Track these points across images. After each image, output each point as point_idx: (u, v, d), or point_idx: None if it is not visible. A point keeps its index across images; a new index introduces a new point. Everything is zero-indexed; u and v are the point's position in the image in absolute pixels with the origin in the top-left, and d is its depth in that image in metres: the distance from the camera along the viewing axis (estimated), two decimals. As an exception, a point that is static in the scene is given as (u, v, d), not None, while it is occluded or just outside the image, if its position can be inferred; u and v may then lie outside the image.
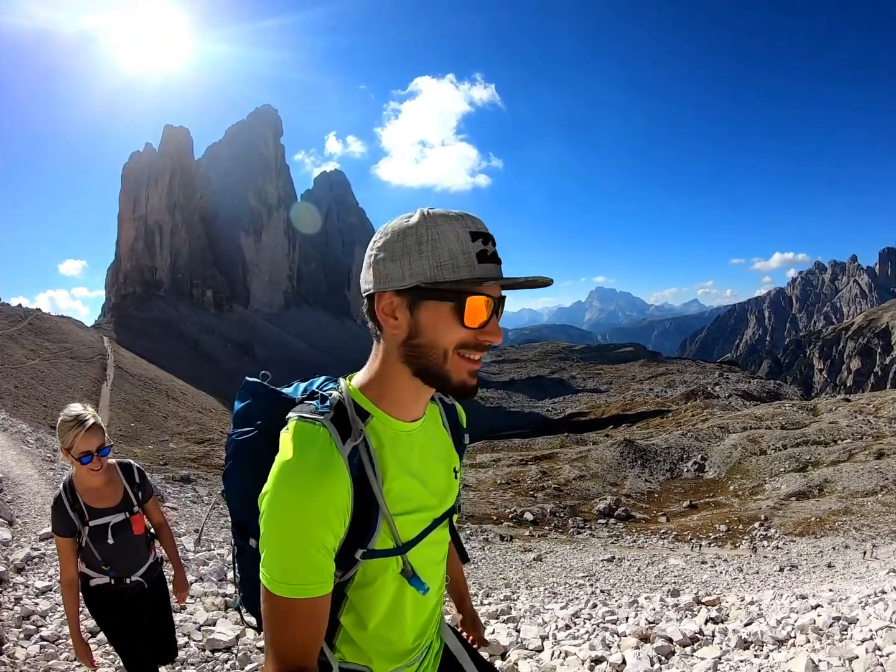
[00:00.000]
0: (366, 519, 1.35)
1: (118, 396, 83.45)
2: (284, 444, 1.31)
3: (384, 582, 1.45)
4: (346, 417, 1.37)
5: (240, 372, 23.38)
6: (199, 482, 41.87)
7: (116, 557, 3.39)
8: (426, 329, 1.31)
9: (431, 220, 1.29)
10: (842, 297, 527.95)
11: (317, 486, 1.25)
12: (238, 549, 1.61)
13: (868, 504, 46.12)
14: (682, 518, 49.73)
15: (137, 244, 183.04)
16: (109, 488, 3.39)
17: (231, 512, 1.58)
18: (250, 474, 1.45)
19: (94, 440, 3.17)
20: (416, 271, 1.27)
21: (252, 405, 1.55)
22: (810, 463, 59.93)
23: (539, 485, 58.29)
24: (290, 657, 1.27)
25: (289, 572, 1.26)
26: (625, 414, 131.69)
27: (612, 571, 27.62)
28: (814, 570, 26.44)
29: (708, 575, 26.80)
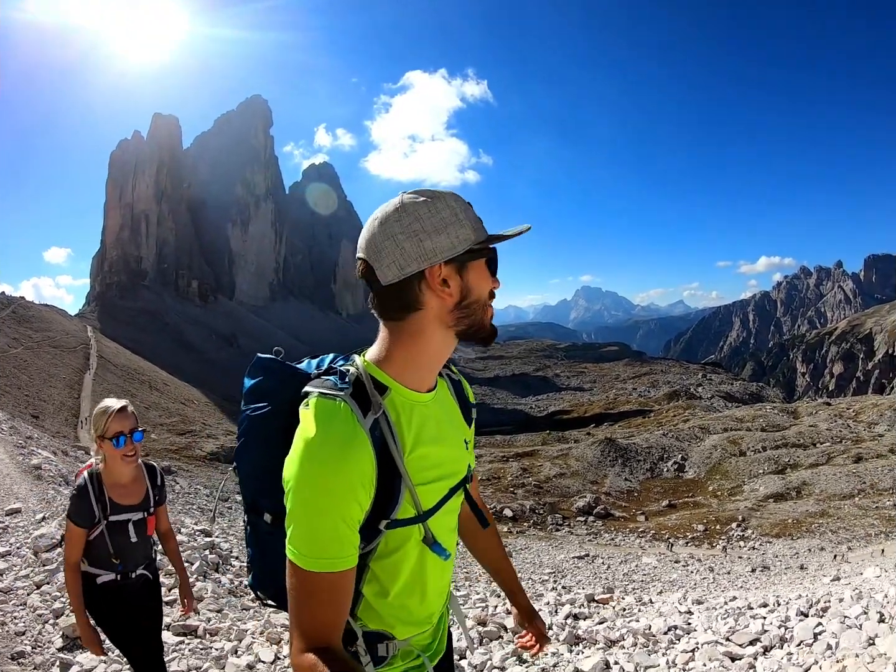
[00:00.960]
0: (389, 489, 1.40)
1: (100, 386, 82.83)
2: (307, 421, 1.35)
3: (407, 550, 1.50)
4: (365, 392, 1.41)
5: (224, 364, 23.83)
6: (181, 474, 41.89)
7: (132, 553, 3.42)
8: (474, 287, 1.45)
9: (442, 195, 1.43)
10: (826, 302, 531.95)
11: (343, 460, 1.30)
12: (251, 525, 1.63)
13: (845, 507, 46.59)
14: (661, 517, 50.04)
15: (123, 233, 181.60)
16: (135, 485, 3.42)
17: (244, 489, 1.62)
18: (265, 449, 1.52)
19: (127, 422, 3.22)
20: (463, 237, 1.40)
21: (266, 381, 1.58)
22: (789, 465, 60.43)
23: (519, 481, 58.38)
24: (316, 633, 1.29)
25: (317, 546, 1.29)
26: (607, 413, 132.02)
27: (581, 569, 27.78)
28: (786, 572, 26.67)
29: (678, 574, 26.87)
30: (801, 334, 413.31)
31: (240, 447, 1.60)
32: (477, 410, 1.77)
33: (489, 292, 1.49)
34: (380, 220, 1.41)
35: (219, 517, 23.29)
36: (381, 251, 1.40)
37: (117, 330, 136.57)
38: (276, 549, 1.51)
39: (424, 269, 1.39)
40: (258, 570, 1.66)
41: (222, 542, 12.51)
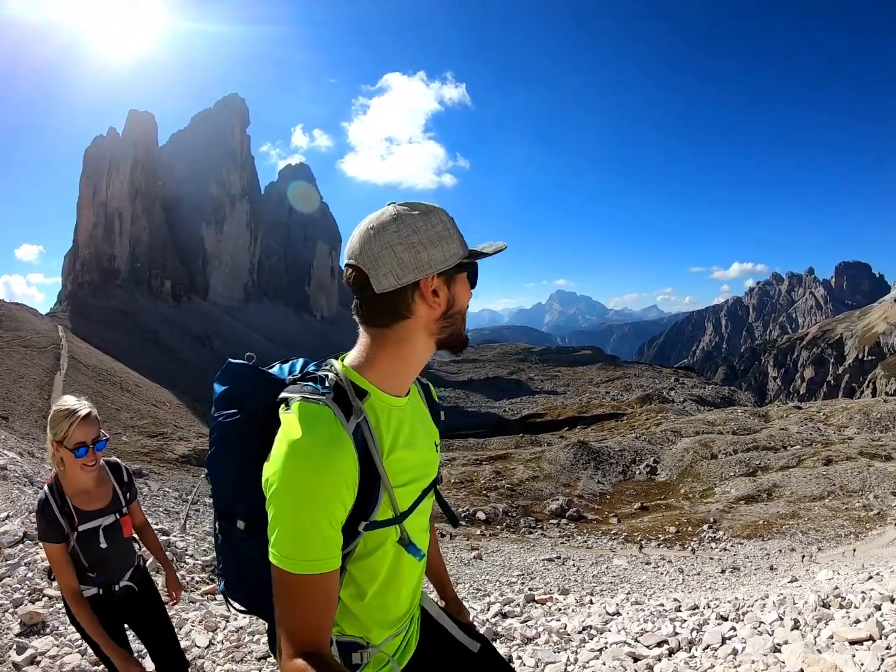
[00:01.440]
0: (369, 491, 1.43)
1: (71, 388, 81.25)
2: (290, 424, 1.37)
3: (384, 552, 1.54)
4: (346, 397, 1.45)
5: (197, 365, 23.79)
6: (152, 476, 41.70)
7: (106, 562, 3.21)
8: (458, 298, 1.54)
9: (435, 209, 1.50)
10: (798, 308, 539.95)
11: (328, 462, 1.32)
12: (223, 532, 1.62)
13: (815, 509, 47.49)
14: (633, 519, 50.61)
15: (96, 231, 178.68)
16: (100, 489, 3.20)
17: (216, 496, 1.62)
18: (238, 456, 1.54)
19: (91, 430, 2.97)
20: (453, 251, 1.48)
21: (238, 387, 1.59)
22: (760, 468, 61.42)
23: (493, 484, 58.68)
24: (305, 637, 1.30)
25: (303, 548, 1.30)
26: (581, 416, 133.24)
27: (551, 571, 27.81)
28: (755, 573, 26.99)
29: (647, 576, 27.05)
30: (773, 339, 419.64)
31: (212, 454, 1.61)
32: (450, 414, 1.81)
33: (468, 302, 1.58)
34: (376, 230, 1.44)
35: (188, 521, 23.20)
36: (378, 260, 1.43)
37: (89, 329, 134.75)
38: (249, 556, 1.56)
39: (420, 279, 1.45)
40: (231, 578, 1.65)
41: (178, 542, 12.59)
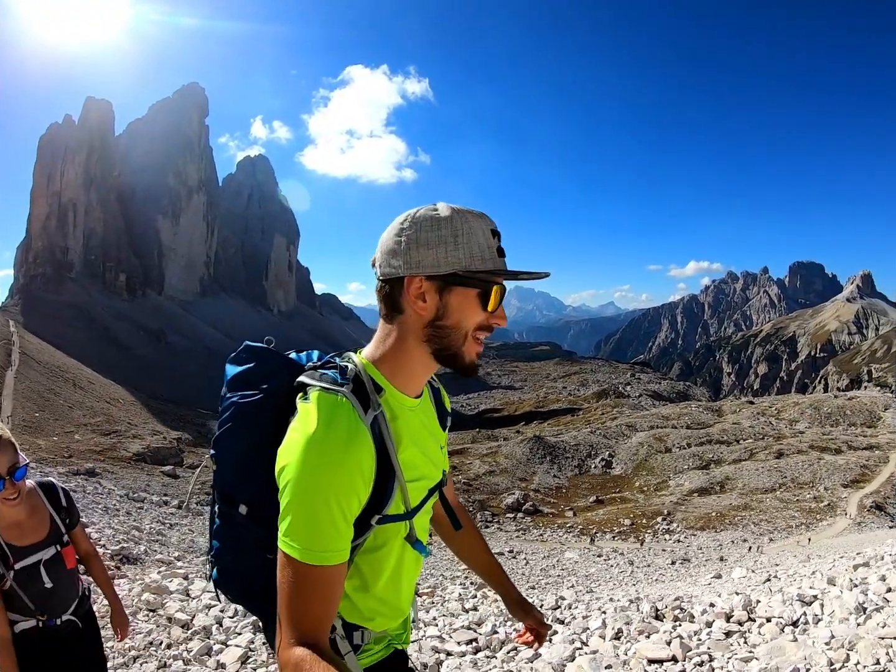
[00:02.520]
0: (384, 485, 1.44)
1: (22, 385, 79.77)
2: (308, 414, 1.38)
3: (392, 546, 1.57)
4: (365, 390, 1.46)
5: (152, 360, 23.96)
6: (105, 475, 41.11)
7: (50, 600, 2.88)
8: (453, 312, 1.46)
9: (463, 215, 1.45)
10: (752, 306, 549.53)
11: (346, 454, 1.33)
12: (221, 516, 1.62)
13: (767, 500, 48.74)
14: (589, 512, 51.33)
15: (50, 222, 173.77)
16: (34, 519, 2.85)
17: (219, 478, 1.60)
18: (251, 438, 1.52)
19: (5, 458, 2.60)
20: (452, 260, 1.42)
21: (257, 368, 1.59)
22: (713, 461, 62.67)
23: (448, 479, 59.12)
24: (306, 628, 1.30)
25: (317, 539, 1.31)
26: (537, 411, 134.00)
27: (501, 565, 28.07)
28: (705, 564, 27.50)
29: (596, 569, 27.28)
30: (728, 336, 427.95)
31: (223, 434, 1.58)
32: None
33: (480, 325, 1.50)
34: (400, 220, 1.46)
35: (125, 515, 22.86)
36: (383, 246, 1.47)
37: (42, 324, 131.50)
38: (248, 542, 1.54)
39: (404, 276, 1.44)
40: (226, 566, 1.63)
41: (93, 532, 12.82)
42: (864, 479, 52.09)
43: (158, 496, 33.32)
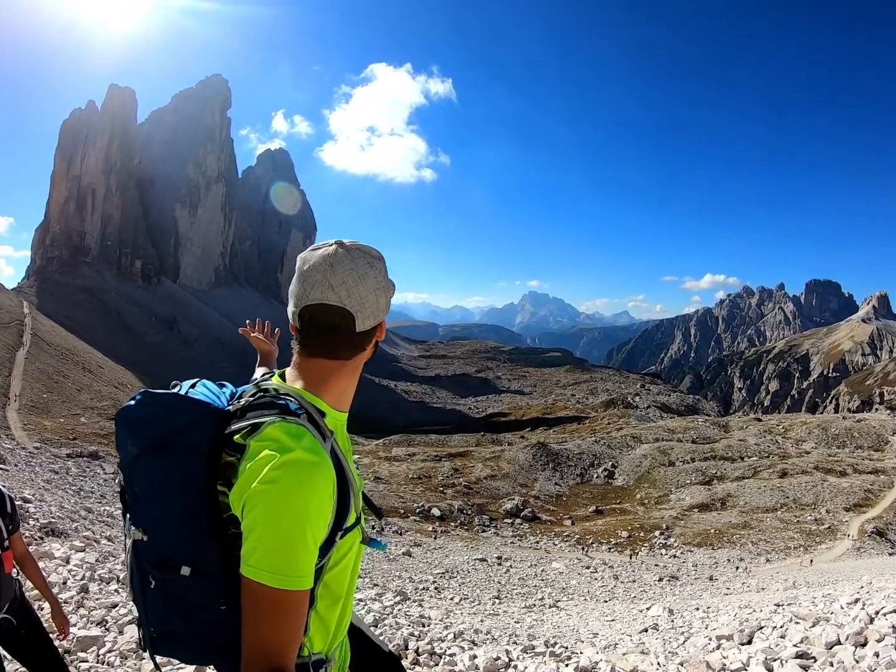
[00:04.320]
0: (345, 502, 1.51)
1: (32, 366, 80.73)
2: (276, 444, 1.40)
3: (351, 554, 1.62)
4: (315, 419, 1.51)
5: (162, 348, 24.13)
6: (108, 459, 41.34)
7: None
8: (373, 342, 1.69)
9: (380, 255, 1.66)
10: (766, 322, 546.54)
11: (317, 480, 1.38)
12: (158, 585, 1.52)
13: (767, 520, 48.29)
14: (587, 522, 51.08)
15: (68, 206, 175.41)
16: None
17: (147, 548, 1.51)
18: (183, 499, 1.46)
19: None
20: (381, 310, 1.64)
21: (168, 421, 1.51)
22: (716, 477, 62.16)
23: (450, 481, 59.04)
24: (273, 654, 1.32)
25: (292, 564, 1.34)
26: (544, 417, 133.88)
27: (479, 571, 27.31)
28: (693, 582, 27.25)
29: (577, 581, 26.82)
30: (741, 351, 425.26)
31: (144, 505, 1.52)
32: (415, 409, 2.22)
33: None
34: (360, 275, 1.56)
35: (87, 496, 22.69)
36: (365, 303, 1.56)
37: (55, 307, 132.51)
38: (197, 601, 1.49)
39: (383, 319, 1.66)
40: (173, 630, 1.54)
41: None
42: (868, 504, 51.57)
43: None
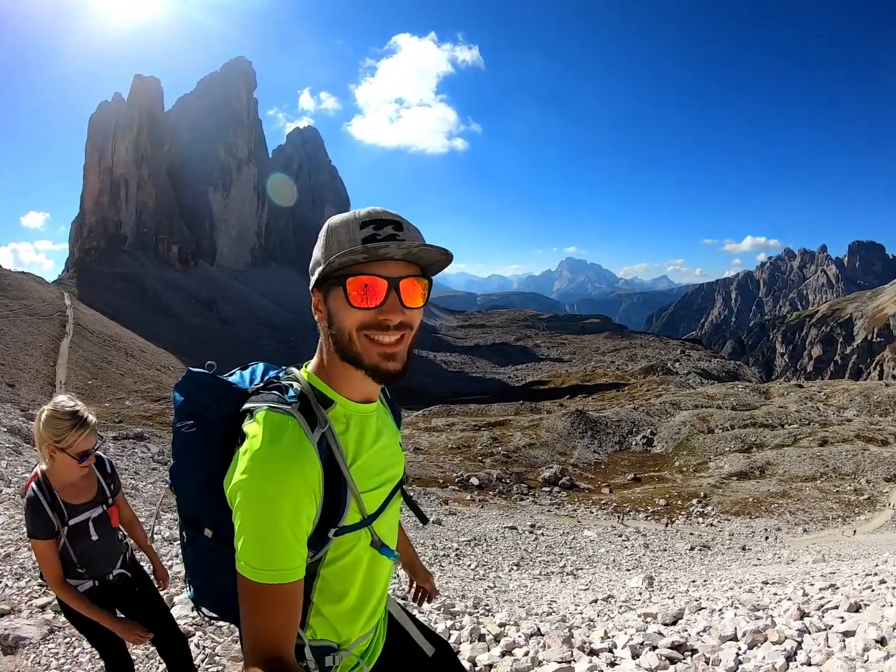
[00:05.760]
0: (336, 499, 1.46)
1: (76, 354, 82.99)
2: (254, 435, 1.38)
3: (357, 555, 1.58)
4: (311, 406, 1.47)
5: (203, 329, 24.60)
6: (153, 440, 42.06)
7: (96, 555, 3.21)
8: (334, 316, 1.45)
9: (336, 218, 1.47)
10: (808, 285, 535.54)
11: (290, 473, 1.34)
12: (189, 541, 1.64)
13: (806, 489, 47.24)
14: (625, 490, 50.63)
15: (102, 197, 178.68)
16: (85, 482, 3.21)
17: (181, 505, 1.64)
18: (202, 467, 1.54)
19: (93, 439, 3.05)
20: (316, 264, 1.46)
21: (198, 397, 1.59)
22: (755, 445, 61.12)
23: (489, 450, 58.88)
24: (267, 644, 1.32)
25: (267, 558, 1.33)
26: (583, 385, 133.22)
27: (506, 539, 26.47)
28: (725, 552, 26.78)
29: (605, 549, 26.03)
30: (783, 315, 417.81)
31: (176, 465, 1.62)
32: (454, 379, 2.08)
33: (364, 324, 1.44)
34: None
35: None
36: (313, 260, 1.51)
37: (96, 296, 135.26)
38: (217, 564, 1.56)
39: (311, 289, 1.50)
40: (199, 585, 1.68)
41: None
42: (910, 475, 50.29)
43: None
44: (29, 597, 5.80)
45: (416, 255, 1.44)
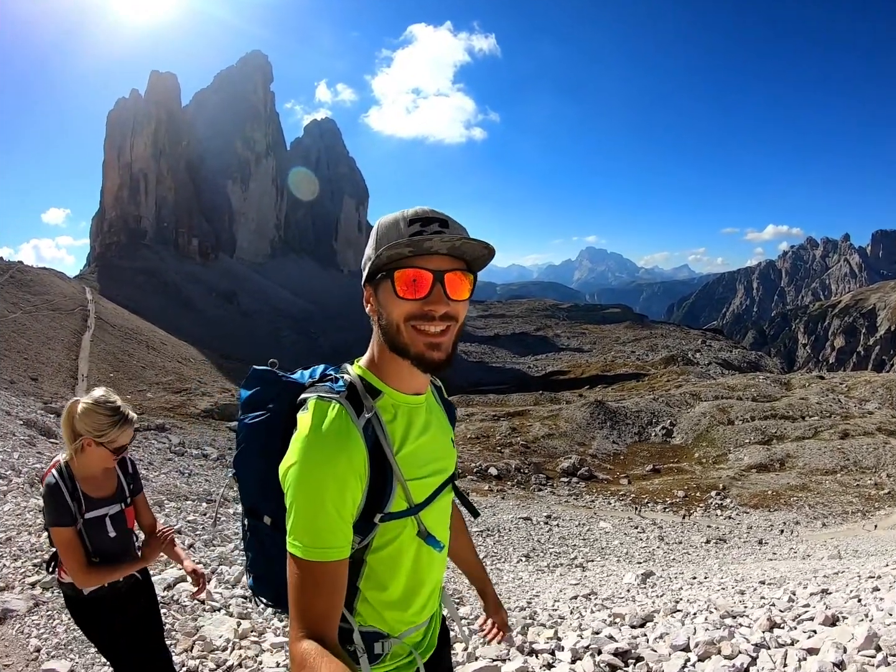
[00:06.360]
0: (382, 484, 1.52)
1: (98, 347, 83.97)
2: (304, 421, 1.48)
3: (402, 544, 1.62)
4: (358, 395, 1.55)
5: (223, 322, 24.75)
6: (174, 431, 42.64)
7: (110, 552, 3.17)
8: (383, 308, 1.53)
9: (388, 217, 1.55)
10: (831, 275, 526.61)
11: (336, 454, 1.42)
12: (251, 528, 1.75)
13: (826, 482, 46.80)
14: (644, 481, 50.43)
15: (122, 192, 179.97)
16: (106, 477, 3.20)
17: (243, 493, 1.74)
18: (263, 456, 1.64)
19: (131, 434, 3.12)
20: (367, 259, 1.54)
21: (262, 391, 1.71)
22: (775, 437, 60.49)
23: (507, 441, 58.70)
24: (312, 623, 1.37)
25: (313, 537, 1.40)
26: (603, 375, 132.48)
27: (520, 530, 26.40)
28: (741, 546, 26.65)
29: (620, 541, 25.90)
30: (805, 305, 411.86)
31: (239, 454, 1.72)
32: (474, 369, 2.08)
33: (411, 314, 1.51)
34: None
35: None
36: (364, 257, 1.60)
37: (117, 290, 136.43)
38: (275, 552, 1.62)
39: (363, 284, 1.59)
40: (259, 573, 1.77)
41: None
42: (932, 469, 49.50)
43: (199, 449, 34.22)
44: (23, 575, 6.09)
45: (459, 250, 1.50)
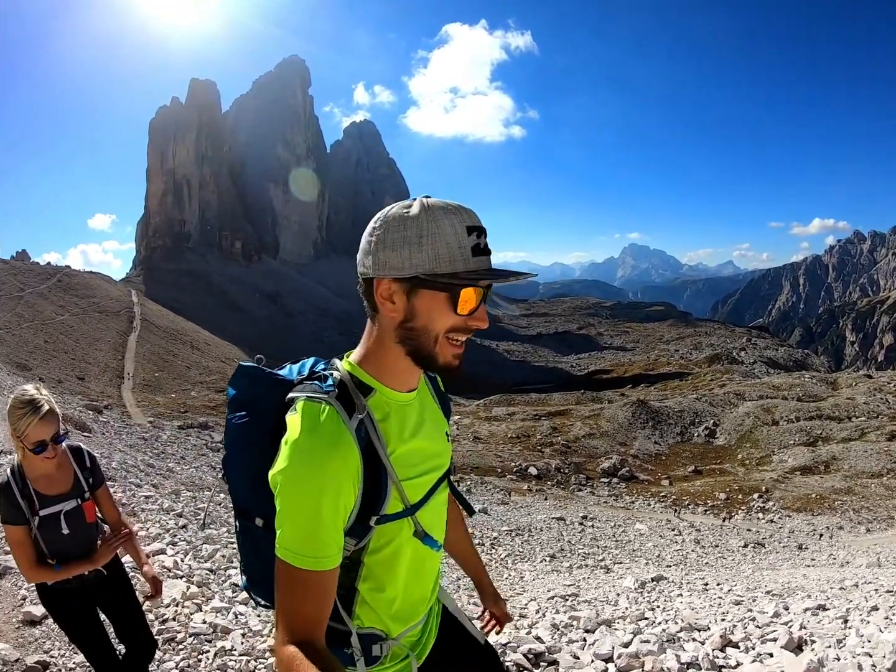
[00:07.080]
0: (376, 486, 1.46)
1: (143, 348, 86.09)
2: (293, 424, 1.40)
3: (400, 545, 1.58)
4: (349, 394, 1.47)
5: (266, 322, 25.29)
6: (217, 428, 43.30)
7: (68, 549, 3.12)
8: (421, 315, 1.42)
9: (431, 213, 1.38)
10: (879, 270, 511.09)
11: (328, 460, 1.35)
12: (242, 530, 1.69)
13: (872, 486, 45.37)
14: (685, 483, 49.65)
15: (166, 198, 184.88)
16: (60, 473, 3.12)
17: (234, 495, 1.68)
18: (252, 457, 1.58)
19: (49, 429, 2.91)
20: (416, 262, 1.37)
21: (249, 390, 1.64)
22: (821, 438, 58.89)
23: (548, 440, 58.40)
24: (299, 628, 1.34)
25: (304, 544, 1.34)
26: (646, 374, 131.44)
27: (551, 530, 25.70)
28: (779, 551, 25.98)
29: (654, 544, 25.19)
30: (853, 302, 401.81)
31: (227, 456, 1.66)
32: (517, 368, 1.98)
33: (454, 328, 1.45)
34: (374, 219, 1.49)
35: (159, 456, 23.77)
36: (361, 245, 1.48)
37: (162, 292, 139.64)
38: (269, 553, 1.52)
39: (374, 277, 1.43)
40: (253, 575, 1.72)
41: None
42: (980, 474, 47.68)
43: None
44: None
45: None
